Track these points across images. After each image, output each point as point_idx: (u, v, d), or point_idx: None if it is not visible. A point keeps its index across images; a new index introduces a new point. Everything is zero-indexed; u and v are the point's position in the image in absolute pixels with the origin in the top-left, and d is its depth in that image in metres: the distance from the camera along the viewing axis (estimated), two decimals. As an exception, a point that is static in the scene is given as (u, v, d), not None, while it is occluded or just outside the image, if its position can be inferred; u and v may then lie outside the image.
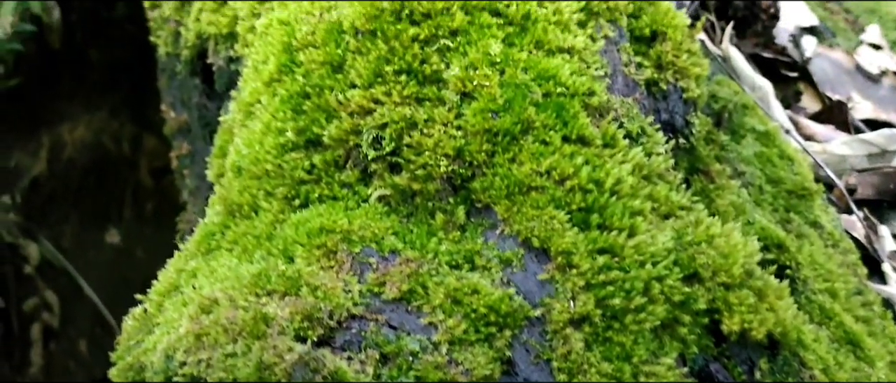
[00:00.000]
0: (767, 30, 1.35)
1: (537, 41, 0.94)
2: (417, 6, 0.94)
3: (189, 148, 1.55)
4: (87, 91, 2.95)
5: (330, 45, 0.95)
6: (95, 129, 2.81)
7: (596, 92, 0.91)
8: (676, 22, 1.06)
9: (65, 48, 2.78)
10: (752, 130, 1.12)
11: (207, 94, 1.38)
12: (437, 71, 0.90)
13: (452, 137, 0.86)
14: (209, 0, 1.27)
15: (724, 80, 1.19)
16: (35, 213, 2.76)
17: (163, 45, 1.43)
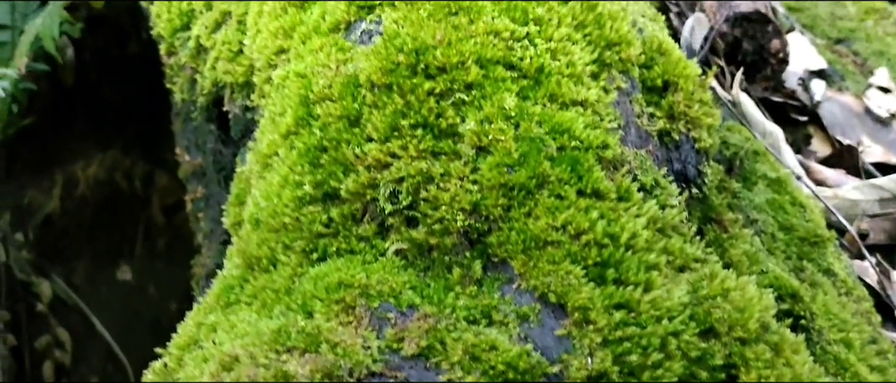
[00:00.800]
0: (777, 74, 1.36)
1: (551, 94, 0.95)
2: (433, 60, 0.96)
3: (204, 191, 1.56)
4: (100, 128, 2.98)
5: (347, 98, 0.97)
6: (108, 167, 2.83)
7: (610, 145, 0.92)
8: (688, 72, 1.07)
9: (78, 86, 2.81)
10: (764, 177, 1.13)
11: (223, 139, 1.39)
12: (452, 125, 0.92)
13: (469, 192, 0.87)
14: (225, 49, 1.28)
15: (734, 125, 1.20)
16: (48, 250, 2.77)
17: (178, 92, 1.45)
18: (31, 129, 2.67)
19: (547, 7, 1.05)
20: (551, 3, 1.06)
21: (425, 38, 0.98)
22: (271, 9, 1.19)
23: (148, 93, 3.04)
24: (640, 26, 1.12)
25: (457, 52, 0.96)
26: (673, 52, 1.10)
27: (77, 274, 2.77)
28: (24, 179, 2.79)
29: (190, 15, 1.43)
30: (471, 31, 1.00)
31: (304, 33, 1.11)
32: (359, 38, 1.05)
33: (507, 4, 1.04)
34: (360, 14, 1.08)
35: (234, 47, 1.27)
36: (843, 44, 1.54)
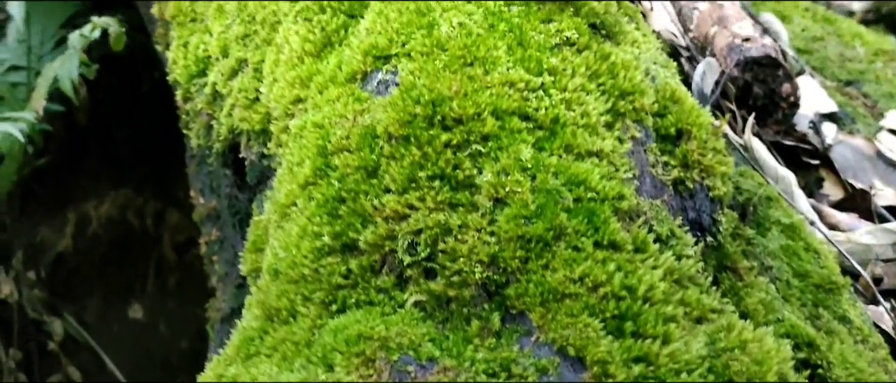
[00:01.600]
0: (788, 117, 1.37)
1: (567, 145, 0.96)
2: (449, 112, 0.97)
3: (218, 234, 1.57)
4: (113, 167, 3.00)
5: (364, 149, 0.98)
6: (120, 205, 2.85)
7: (625, 196, 0.93)
8: (701, 120, 1.08)
9: (91, 125, 2.83)
10: (778, 223, 1.14)
11: (238, 184, 1.40)
12: (469, 176, 0.93)
13: (486, 243, 0.88)
14: (241, 96, 1.30)
15: (747, 170, 1.21)
16: (59, 288, 2.78)
17: (195, 137, 1.47)
18: (44, 168, 2.69)
19: (561, 57, 1.06)
20: (565, 53, 1.07)
21: (442, 90, 0.99)
22: (288, 58, 1.21)
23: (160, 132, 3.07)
24: (652, 74, 1.13)
25: (473, 104, 0.98)
26: (686, 101, 1.11)
27: (88, 312, 2.78)
28: (38, 218, 2.81)
29: (206, 62, 1.45)
30: (486, 82, 1.01)
31: (320, 83, 1.12)
32: (375, 89, 1.07)
33: (521, 54, 1.06)
34: (377, 64, 1.09)
35: (251, 95, 1.29)
36: (853, 86, 1.55)
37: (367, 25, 1.15)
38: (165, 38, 1.76)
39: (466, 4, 1.13)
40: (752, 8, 1.67)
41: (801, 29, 1.70)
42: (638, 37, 1.18)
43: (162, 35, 1.79)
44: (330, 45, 1.19)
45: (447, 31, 1.08)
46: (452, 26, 1.09)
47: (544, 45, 1.08)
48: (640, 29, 1.27)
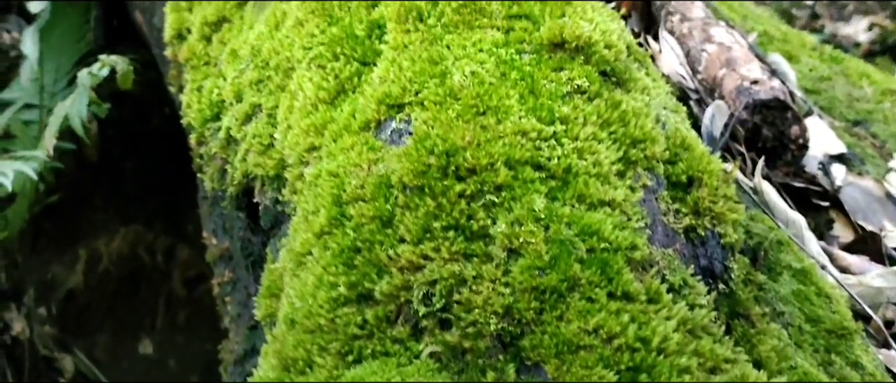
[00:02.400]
0: (797, 159, 1.38)
1: (579, 195, 0.97)
2: (463, 162, 0.98)
3: (231, 275, 1.58)
4: (123, 202, 3.02)
5: (379, 199, 0.99)
6: (131, 241, 2.86)
7: (638, 246, 0.94)
8: (712, 167, 1.09)
9: (101, 161, 2.86)
10: (789, 267, 1.14)
11: (252, 228, 1.42)
12: (483, 227, 0.94)
13: (501, 295, 0.89)
14: (256, 142, 1.32)
15: (757, 214, 1.22)
16: (70, 325, 2.79)
17: (209, 181, 1.48)
18: (55, 204, 2.71)
19: (572, 105, 1.08)
20: (576, 102, 1.09)
21: (455, 140, 1.01)
22: (302, 105, 1.22)
23: (169, 166, 3.10)
24: (663, 120, 1.14)
25: (486, 154, 0.99)
26: (696, 147, 1.12)
27: (99, 348, 2.79)
28: (48, 254, 2.83)
29: (220, 106, 1.47)
30: (499, 131, 1.03)
31: (335, 131, 1.14)
32: (389, 138, 1.08)
33: (533, 103, 1.07)
34: (390, 113, 1.11)
35: (265, 140, 1.30)
36: (862, 126, 1.56)
37: (380, 73, 1.17)
38: (178, 79, 1.78)
39: (479, 53, 1.15)
40: (759, 48, 1.68)
41: (809, 69, 1.71)
42: (648, 83, 1.19)
43: (175, 76, 1.81)
44: (343, 92, 1.21)
45: (460, 80, 1.10)
46: (465, 75, 1.11)
47: (556, 93, 1.09)
48: (649, 74, 1.28)
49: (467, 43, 1.17)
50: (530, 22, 1.20)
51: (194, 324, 2.87)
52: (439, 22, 1.21)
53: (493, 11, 1.21)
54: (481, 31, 1.19)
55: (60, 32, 2.61)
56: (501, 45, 1.16)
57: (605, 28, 1.20)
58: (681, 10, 1.62)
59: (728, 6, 1.91)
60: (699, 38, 1.54)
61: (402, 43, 1.20)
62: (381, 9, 1.27)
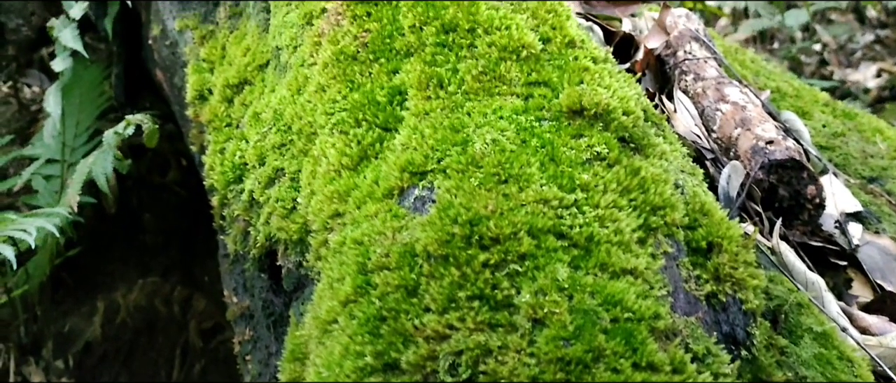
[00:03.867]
0: (814, 218, 1.39)
1: (602, 264, 0.99)
2: (486, 231, 1.00)
3: (252, 334, 1.59)
4: (140, 253, 3.05)
5: (404, 268, 1.01)
6: (148, 293, 2.88)
7: (661, 315, 0.95)
8: (731, 233, 1.11)
9: (119, 213, 2.89)
10: (810, 331, 1.15)
11: (274, 289, 1.43)
12: (508, 296, 0.95)
13: (526, 365, 0.90)
14: (278, 206, 1.34)
15: (777, 276, 1.23)
16: (87, 376, 2.80)
17: (231, 243, 1.50)
18: (73, 256, 2.74)
19: (592, 172, 1.10)
20: (596, 169, 1.11)
21: (478, 209, 1.03)
22: (325, 171, 1.25)
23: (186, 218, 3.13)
24: (681, 185, 1.16)
25: (509, 223, 1.01)
26: (715, 213, 1.13)
27: (115, 400, 2.79)
28: (67, 306, 2.85)
29: (242, 168, 1.50)
30: (521, 200, 1.04)
31: (358, 198, 1.16)
32: (412, 205, 1.10)
33: (554, 170, 1.09)
34: (413, 180, 1.13)
35: (288, 204, 1.32)
36: (876, 183, 1.57)
37: (402, 140, 1.19)
38: (199, 139, 1.81)
39: (499, 120, 1.17)
40: (772, 106, 1.70)
41: (822, 124, 1.73)
42: (665, 148, 1.21)
43: (196, 136, 1.84)
44: (366, 158, 1.23)
45: (481, 147, 1.12)
46: (486, 143, 1.13)
47: (575, 160, 1.11)
48: (666, 137, 1.30)
49: (488, 110, 1.19)
50: (549, 89, 1.22)
51: (210, 375, 2.88)
52: (459, 89, 1.23)
53: (512, 79, 1.24)
54: (501, 98, 1.21)
55: (81, 89, 2.66)
56: (521, 112, 1.19)
57: (623, 94, 1.23)
58: (694, 70, 1.64)
59: (740, 63, 1.94)
60: (713, 97, 1.56)
61: (423, 110, 1.23)
62: (401, 75, 1.30)
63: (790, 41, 4.61)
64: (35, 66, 3.19)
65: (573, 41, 1.32)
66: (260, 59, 1.70)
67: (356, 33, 1.38)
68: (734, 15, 4.72)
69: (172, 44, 2.08)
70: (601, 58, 1.32)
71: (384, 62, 1.33)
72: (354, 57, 1.36)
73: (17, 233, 2.02)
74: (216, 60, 1.85)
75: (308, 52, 1.46)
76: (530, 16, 1.36)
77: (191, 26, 2.01)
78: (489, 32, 1.30)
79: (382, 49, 1.35)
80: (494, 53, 1.27)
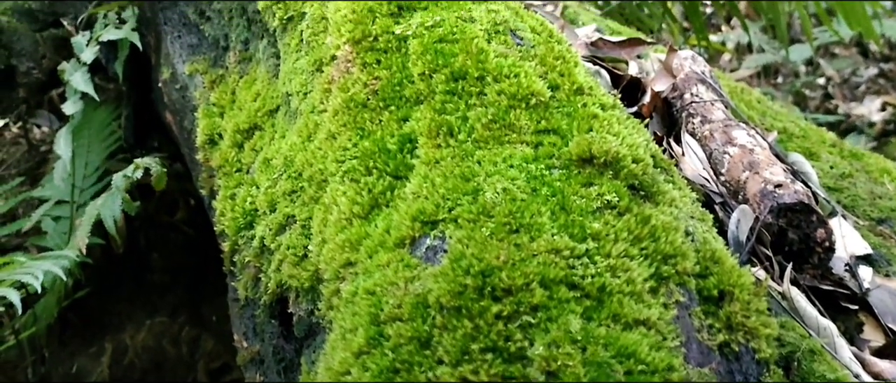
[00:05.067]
0: (824, 262, 1.39)
1: (614, 314, 0.99)
2: (498, 282, 1.00)
3: (262, 379, 1.59)
4: (148, 293, 3.05)
5: (417, 320, 1.01)
6: (156, 333, 2.88)
7: (675, 367, 0.95)
8: (743, 281, 1.11)
9: (127, 253, 2.89)
10: (823, 378, 1.15)
11: (285, 336, 1.43)
12: (521, 349, 0.95)
13: (541, 419, 0.90)
14: (289, 253, 1.34)
15: (788, 321, 1.23)
16: (94, 418, 2.80)
17: (242, 289, 1.50)
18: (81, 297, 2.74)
19: (603, 221, 1.10)
20: (607, 217, 1.11)
21: (490, 259, 1.03)
22: (336, 219, 1.25)
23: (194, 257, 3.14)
24: (691, 232, 1.16)
25: (521, 274, 1.01)
26: (726, 261, 1.14)
27: (122, 442, 2.78)
28: (74, 347, 2.85)
29: (253, 214, 1.50)
30: (532, 250, 1.05)
31: (370, 247, 1.17)
32: (424, 255, 1.10)
33: (565, 219, 1.10)
34: (424, 230, 1.13)
35: (299, 252, 1.33)
36: (885, 224, 1.58)
37: (413, 189, 1.20)
38: (209, 183, 1.82)
39: (509, 169, 1.18)
40: (779, 147, 1.71)
41: (830, 165, 1.74)
42: (675, 195, 1.22)
43: (205, 180, 1.85)
44: (377, 206, 1.24)
45: (492, 197, 1.13)
46: (497, 192, 1.14)
47: (586, 209, 1.12)
48: (675, 182, 1.31)
49: (498, 158, 1.20)
50: (558, 136, 1.23)
51: (217, 417, 2.87)
52: (469, 137, 1.24)
53: (521, 127, 1.25)
54: (511, 146, 1.22)
55: (91, 130, 2.68)
56: (531, 160, 1.19)
57: (632, 142, 1.23)
58: (701, 112, 1.65)
59: (746, 103, 1.95)
60: (721, 140, 1.57)
61: (433, 158, 1.24)
62: (412, 123, 1.31)
63: (794, 76, 4.63)
64: (44, 107, 3.21)
65: (581, 88, 1.33)
66: (270, 105, 1.71)
67: (366, 81, 1.40)
68: (737, 50, 4.75)
69: (182, 87, 2.10)
70: (610, 104, 1.33)
71: (394, 110, 1.34)
72: (365, 104, 1.37)
73: (25, 277, 2.03)
74: (226, 105, 1.87)
75: (318, 98, 1.48)
76: (538, 63, 1.37)
77: (201, 70, 2.03)
78: (498, 80, 1.31)
79: (392, 96, 1.36)
80: (504, 101, 1.28)
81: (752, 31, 4.49)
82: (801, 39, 4.61)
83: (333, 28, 1.52)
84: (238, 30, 1.96)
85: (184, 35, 2.16)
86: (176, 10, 2.20)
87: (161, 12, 2.26)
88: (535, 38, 1.46)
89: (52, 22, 2.71)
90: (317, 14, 1.61)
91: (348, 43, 1.46)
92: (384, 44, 1.43)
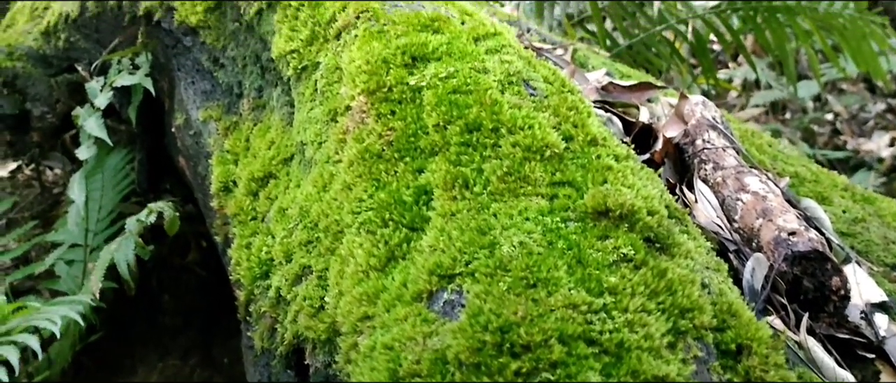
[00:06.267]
0: (839, 310, 1.39)
1: (633, 371, 0.99)
2: (517, 339, 1.01)
3: (277, 428, 1.59)
4: (160, 335, 3.05)
5: (436, 376, 1.01)
6: (168, 375, 2.88)
7: (695, 425, 0.95)
8: (761, 334, 1.11)
9: (139, 295, 2.90)
10: (842, 431, 1.14)
11: (301, 386, 1.44)
12: (541, 407, 0.96)
13: None
14: (306, 305, 1.35)
15: (805, 372, 1.22)
16: (105, 462, 2.79)
17: (258, 339, 1.51)
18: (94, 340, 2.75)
19: (620, 275, 1.11)
20: (623, 271, 1.12)
21: (508, 315, 1.03)
22: (353, 271, 1.26)
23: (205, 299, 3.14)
24: (707, 284, 1.17)
25: (539, 330, 1.01)
26: (743, 313, 1.14)
27: None
28: (87, 390, 2.85)
29: (269, 264, 1.51)
30: (550, 305, 1.05)
31: (387, 301, 1.17)
32: (442, 309, 1.11)
33: (581, 274, 1.10)
34: (442, 283, 1.14)
35: (316, 303, 1.34)
36: (899, 270, 1.58)
37: (429, 242, 1.21)
38: (223, 230, 1.83)
39: (525, 222, 1.19)
40: (791, 192, 1.71)
41: (842, 210, 1.74)
42: (690, 246, 1.22)
43: (220, 227, 1.87)
44: (394, 259, 1.24)
45: (509, 250, 1.13)
46: (513, 246, 1.14)
47: (602, 262, 1.12)
48: (689, 232, 1.31)
49: (513, 211, 1.21)
50: (573, 189, 1.24)
51: (228, 461, 2.86)
52: (485, 190, 1.25)
53: (536, 179, 1.25)
54: (526, 199, 1.23)
55: (104, 173, 2.70)
56: (547, 213, 1.20)
57: (646, 193, 1.24)
58: (713, 159, 1.66)
59: (757, 147, 1.96)
60: (733, 187, 1.58)
61: (449, 210, 1.25)
62: (427, 175, 1.32)
63: (802, 111, 4.64)
64: (57, 149, 3.24)
65: (595, 139, 1.35)
66: (284, 153, 1.73)
67: (381, 131, 1.41)
68: (745, 86, 4.77)
69: (196, 133, 2.12)
70: (623, 155, 1.34)
71: (409, 161, 1.36)
72: (380, 155, 1.39)
73: (42, 322, 2.04)
74: (240, 152, 1.89)
75: (333, 148, 1.49)
76: (552, 113, 1.39)
77: (215, 117, 2.05)
78: (513, 132, 1.32)
79: (407, 148, 1.37)
80: (518, 153, 1.29)
81: (759, 67, 4.51)
82: (808, 75, 4.63)
83: (348, 78, 1.54)
84: (252, 77, 1.99)
85: (197, 81, 2.19)
86: (189, 57, 2.23)
87: (174, 58, 2.29)
88: (547, 88, 1.47)
89: (67, 67, 2.74)
90: (331, 64, 1.63)
91: (363, 93, 1.48)
92: (399, 94, 1.45)
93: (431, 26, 1.58)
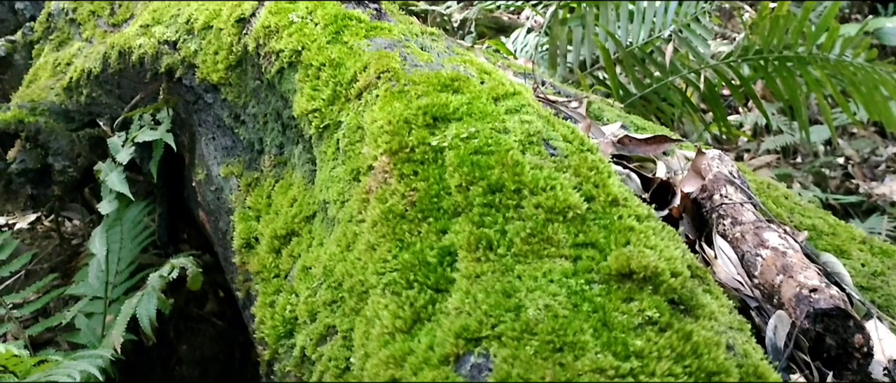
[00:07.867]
0: (863, 367, 1.39)
1: (662, 437, 1.00)
2: (546, 404, 1.02)
3: None
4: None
5: (465, 442, 1.02)
6: (184, 429, 2.88)
7: None
8: (786, 398, 1.12)
9: (157, 345, 2.91)
10: None
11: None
12: None
13: None
14: (331, 365, 1.36)
15: (831, 432, 1.23)
16: None
17: (281, 399, 1.52)
18: (112, 391, 2.76)
19: (645, 338, 1.12)
20: (649, 334, 1.13)
21: (536, 380, 1.05)
22: (379, 333, 1.27)
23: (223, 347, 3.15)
24: (732, 346, 1.17)
25: (568, 396, 1.02)
26: (769, 376, 1.14)
27: None
28: (103, 443, 2.84)
29: (293, 323, 1.53)
30: (577, 369, 1.06)
31: (414, 364, 1.18)
32: (469, 373, 1.12)
33: (607, 337, 1.11)
34: (468, 347, 1.15)
35: (341, 364, 1.35)
36: (919, 323, 1.58)
37: (455, 304, 1.22)
38: (245, 286, 1.85)
39: (549, 284, 1.20)
40: (810, 246, 1.72)
41: (861, 264, 1.75)
42: (714, 308, 1.23)
43: (241, 282, 1.88)
44: (419, 321, 1.26)
45: (534, 313, 1.15)
46: (539, 309, 1.15)
47: (628, 325, 1.13)
48: (712, 291, 1.32)
49: (538, 273, 1.22)
50: (596, 250, 1.25)
51: None
52: (509, 251, 1.27)
53: (559, 240, 1.27)
54: (550, 260, 1.25)
55: (124, 225, 2.72)
56: (571, 275, 1.22)
57: (669, 254, 1.26)
58: (731, 214, 1.67)
59: (773, 200, 1.97)
60: (752, 242, 1.59)
61: (474, 272, 1.26)
62: (451, 236, 1.34)
63: (813, 155, 4.66)
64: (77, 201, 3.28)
65: (616, 199, 1.36)
66: (307, 211, 1.75)
67: (404, 192, 1.43)
68: (755, 131, 4.80)
69: (217, 189, 2.15)
70: (644, 215, 1.36)
71: (433, 221, 1.37)
72: (403, 215, 1.40)
73: (62, 377, 2.05)
74: (262, 209, 1.91)
75: (356, 208, 1.51)
76: (573, 173, 1.41)
77: (236, 173, 2.08)
78: (535, 193, 1.34)
79: (430, 208, 1.39)
80: (541, 215, 1.30)
81: (770, 111, 4.54)
82: (818, 119, 4.65)
83: (370, 138, 1.56)
84: (273, 134, 2.02)
85: (218, 137, 2.22)
86: (210, 113, 2.26)
87: (195, 114, 2.33)
88: (567, 147, 1.49)
89: (88, 122, 2.78)
90: (353, 123, 1.66)
91: (385, 153, 1.50)
92: (421, 155, 1.47)
93: (451, 86, 1.61)
